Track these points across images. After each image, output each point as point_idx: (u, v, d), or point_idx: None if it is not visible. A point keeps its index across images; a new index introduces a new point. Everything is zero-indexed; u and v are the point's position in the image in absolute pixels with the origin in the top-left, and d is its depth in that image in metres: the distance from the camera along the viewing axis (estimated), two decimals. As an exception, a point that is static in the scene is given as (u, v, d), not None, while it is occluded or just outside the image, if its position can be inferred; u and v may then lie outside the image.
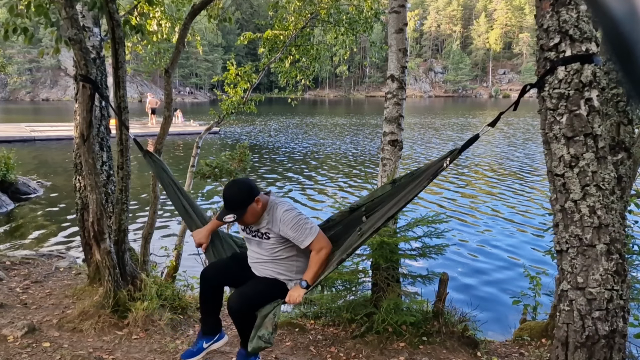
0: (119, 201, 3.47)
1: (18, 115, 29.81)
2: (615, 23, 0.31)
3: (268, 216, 2.46)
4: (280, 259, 2.53)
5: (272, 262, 2.54)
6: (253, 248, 2.57)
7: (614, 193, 1.91)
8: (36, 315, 3.33)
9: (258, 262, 2.57)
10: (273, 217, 2.45)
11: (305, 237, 2.43)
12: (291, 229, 2.43)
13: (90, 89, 2.98)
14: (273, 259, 2.53)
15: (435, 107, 50.15)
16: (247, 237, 2.57)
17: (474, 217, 9.11)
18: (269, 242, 2.49)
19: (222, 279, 2.62)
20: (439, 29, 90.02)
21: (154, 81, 58.07)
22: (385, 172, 3.72)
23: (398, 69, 3.72)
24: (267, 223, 2.46)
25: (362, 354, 3.14)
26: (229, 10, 5.01)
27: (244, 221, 2.43)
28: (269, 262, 2.54)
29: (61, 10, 2.71)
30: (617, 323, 1.90)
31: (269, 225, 2.46)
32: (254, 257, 2.58)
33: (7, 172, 9.14)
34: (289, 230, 2.43)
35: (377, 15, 7.43)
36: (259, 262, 2.57)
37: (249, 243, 2.58)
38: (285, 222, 2.43)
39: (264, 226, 2.47)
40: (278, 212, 2.45)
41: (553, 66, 1.91)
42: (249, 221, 2.44)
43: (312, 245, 2.47)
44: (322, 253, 2.49)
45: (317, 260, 2.49)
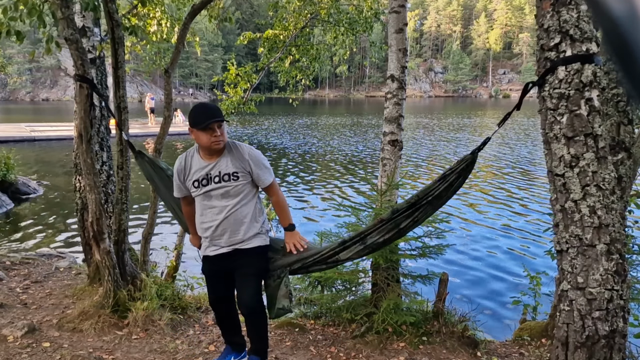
0: (119, 201, 3.47)
1: (18, 115, 29.81)
2: (615, 23, 0.30)
3: (230, 154, 2.37)
4: (248, 200, 2.41)
5: (243, 207, 2.38)
6: (216, 202, 2.37)
7: (614, 193, 1.91)
8: (36, 315, 3.33)
9: (226, 218, 2.36)
10: (239, 154, 2.37)
11: (269, 175, 2.41)
12: (259, 165, 2.38)
13: (87, 89, 2.98)
14: (243, 203, 2.38)
15: (435, 107, 50.15)
16: (207, 192, 2.37)
17: (474, 217, 9.11)
18: (237, 184, 2.35)
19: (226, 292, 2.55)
20: (439, 29, 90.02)
21: (153, 81, 58.07)
22: (385, 172, 3.72)
23: (398, 69, 3.72)
24: (232, 162, 2.35)
25: (362, 354, 3.14)
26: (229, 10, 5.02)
27: (218, 139, 2.27)
28: (239, 209, 2.37)
29: (57, 10, 2.71)
30: (617, 323, 1.90)
31: (236, 163, 2.35)
32: (220, 217, 2.36)
33: (7, 172, 9.14)
34: (257, 166, 2.37)
35: (377, 15, 7.43)
36: (227, 218, 2.36)
37: (209, 200, 2.38)
38: (254, 157, 2.38)
39: (230, 165, 2.35)
40: (244, 149, 2.39)
41: (553, 66, 1.91)
42: (219, 145, 2.30)
43: (273, 184, 2.45)
44: (281, 194, 2.50)
45: (283, 202, 2.50)
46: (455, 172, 2.33)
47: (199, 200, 2.42)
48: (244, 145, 2.41)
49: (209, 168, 2.36)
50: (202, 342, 3.15)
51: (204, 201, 2.39)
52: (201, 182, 2.37)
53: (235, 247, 2.42)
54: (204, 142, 2.29)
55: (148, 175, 2.95)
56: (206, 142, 2.28)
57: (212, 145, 2.28)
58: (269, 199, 2.60)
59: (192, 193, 2.44)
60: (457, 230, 8.06)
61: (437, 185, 2.37)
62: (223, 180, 2.34)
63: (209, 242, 2.45)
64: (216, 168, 2.35)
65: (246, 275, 2.42)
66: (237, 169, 2.34)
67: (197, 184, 2.38)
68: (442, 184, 2.36)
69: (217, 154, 2.37)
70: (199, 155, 2.40)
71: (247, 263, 2.42)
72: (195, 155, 2.42)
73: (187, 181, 2.43)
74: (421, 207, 2.43)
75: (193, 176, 2.38)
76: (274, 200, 2.50)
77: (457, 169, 2.33)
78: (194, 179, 2.37)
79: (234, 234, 2.40)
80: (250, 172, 2.37)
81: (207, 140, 2.27)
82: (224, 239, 2.40)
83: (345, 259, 2.58)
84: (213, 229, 2.39)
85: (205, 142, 2.28)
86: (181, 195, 2.51)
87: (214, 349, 3.05)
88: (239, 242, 2.41)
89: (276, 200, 2.50)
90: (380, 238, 2.50)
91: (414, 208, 2.43)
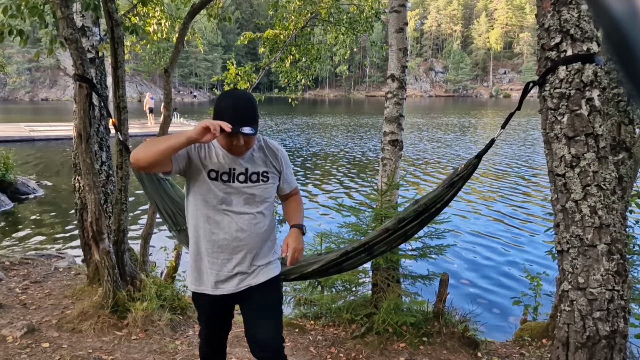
0: (118, 201, 3.46)
1: (17, 115, 29.80)
2: (616, 22, 0.30)
3: (260, 152, 1.88)
4: (271, 212, 1.94)
5: (266, 219, 1.89)
6: (237, 209, 1.81)
7: (615, 193, 1.90)
8: (35, 316, 3.33)
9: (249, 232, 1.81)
10: (271, 151, 1.91)
11: (293, 178, 2.03)
12: (289, 165, 1.98)
13: (87, 89, 2.98)
14: (267, 214, 1.90)
15: (435, 107, 50.15)
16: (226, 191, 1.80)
17: (474, 217, 9.10)
18: (266, 187, 1.86)
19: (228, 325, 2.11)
20: (439, 29, 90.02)
21: (153, 81, 58.06)
22: (385, 172, 3.71)
23: (398, 68, 3.71)
24: (263, 158, 1.87)
25: (362, 354, 3.13)
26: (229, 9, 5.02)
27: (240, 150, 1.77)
28: (262, 221, 1.86)
29: (57, 10, 2.71)
30: (618, 323, 1.89)
31: (268, 161, 1.88)
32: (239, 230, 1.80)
33: (6, 172, 9.13)
34: (288, 166, 1.97)
35: (378, 14, 7.42)
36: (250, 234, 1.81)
37: (227, 204, 1.80)
38: (285, 157, 1.96)
39: (261, 163, 1.86)
40: (276, 145, 1.94)
41: (554, 65, 1.90)
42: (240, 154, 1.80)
43: (296, 190, 2.07)
44: (299, 196, 2.10)
45: (300, 203, 2.07)
46: (462, 178, 2.33)
47: (207, 199, 1.81)
48: (272, 141, 1.97)
49: (234, 161, 1.82)
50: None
51: (219, 204, 1.80)
52: (220, 176, 1.81)
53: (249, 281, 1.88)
54: (221, 143, 1.79)
55: (139, 176, 2.95)
56: (225, 144, 1.78)
57: (231, 149, 1.78)
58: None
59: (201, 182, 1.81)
60: (458, 230, 8.05)
61: (446, 191, 2.37)
62: (250, 180, 1.83)
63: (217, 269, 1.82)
64: (243, 163, 1.82)
65: (266, 307, 1.90)
66: (268, 167, 1.88)
67: (214, 175, 1.81)
68: (451, 190, 2.36)
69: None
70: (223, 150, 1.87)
71: (266, 292, 1.91)
72: (217, 144, 1.86)
73: (200, 161, 1.80)
74: (429, 214, 2.42)
75: (211, 164, 1.80)
76: (292, 197, 2.06)
77: (463, 174, 2.33)
78: (211, 168, 1.80)
79: (256, 258, 1.86)
80: (280, 174, 1.94)
81: (226, 143, 1.77)
82: (235, 261, 1.82)
83: (349, 269, 2.57)
84: (228, 247, 1.81)
85: (224, 144, 1.78)
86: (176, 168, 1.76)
87: None
88: (258, 268, 1.88)
89: (295, 197, 2.06)
90: (388, 247, 2.51)
91: (422, 216, 2.43)
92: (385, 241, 2.48)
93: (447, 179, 2.40)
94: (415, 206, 2.46)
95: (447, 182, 2.38)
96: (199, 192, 1.82)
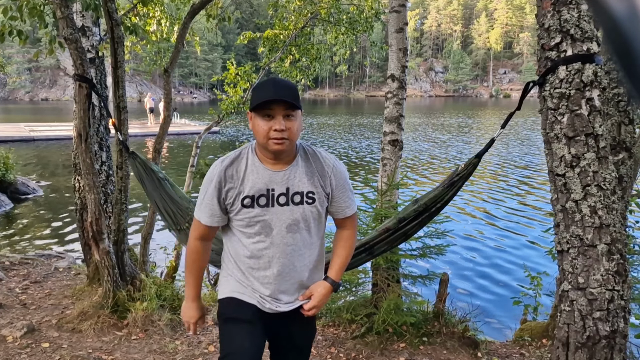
0: (118, 201, 3.46)
1: (17, 115, 29.80)
2: (616, 22, 0.30)
3: (306, 164, 1.55)
4: (320, 238, 1.63)
5: (314, 248, 1.60)
6: (278, 238, 1.53)
7: (615, 193, 1.90)
8: (35, 316, 3.33)
9: (292, 264, 1.56)
10: (319, 164, 1.57)
11: (354, 201, 1.65)
12: (345, 185, 1.61)
13: (86, 89, 2.98)
14: (314, 242, 1.60)
15: (435, 107, 50.15)
16: (263, 219, 1.52)
17: (474, 217, 9.10)
18: (311, 212, 1.55)
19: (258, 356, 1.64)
20: (439, 29, 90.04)
21: (153, 81, 58.06)
22: (385, 172, 3.71)
23: (398, 68, 3.71)
24: (308, 175, 1.54)
25: (362, 354, 3.13)
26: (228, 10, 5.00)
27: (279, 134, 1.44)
28: (308, 250, 1.59)
29: (57, 10, 2.71)
30: (618, 323, 1.89)
31: (314, 179, 1.55)
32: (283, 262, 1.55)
33: (6, 172, 9.13)
34: (342, 187, 1.60)
35: (378, 14, 7.41)
36: (294, 266, 1.56)
37: (265, 233, 1.53)
38: (339, 173, 1.59)
39: (306, 181, 1.53)
40: (327, 159, 1.59)
41: (554, 65, 1.90)
42: (281, 145, 1.45)
43: (352, 218, 1.67)
44: (355, 235, 1.70)
45: (351, 246, 1.69)
46: (462, 177, 2.33)
47: (242, 229, 1.55)
48: (324, 152, 1.61)
49: (272, 180, 1.52)
50: (202, 343, 3.15)
51: (255, 235, 1.54)
52: (257, 201, 1.51)
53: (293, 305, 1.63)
54: (258, 133, 1.47)
55: (138, 176, 2.95)
56: (261, 134, 1.46)
57: (268, 142, 1.46)
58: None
59: (234, 217, 1.55)
60: (458, 230, 8.05)
61: (446, 191, 2.37)
62: (292, 202, 1.53)
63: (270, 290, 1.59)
64: (284, 182, 1.52)
65: (301, 349, 1.73)
66: (313, 187, 1.55)
67: (249, 202, 1.51)
68: (451, 190, 2.36)
69: (285, 159, 1.53)
70: (256, 158, 1.55)
71: (303, 331, 1.70)
72: (251, 158, 1.55)
73: (230, 197, 1.52)
74: (429, 214, 2.43)
75: (245, 189, 1.51)
76: (347, 236, 1.68)
77: (464, 173, 2.33)
78: (246, 194, 1.51)
79: (299, 290, 1.63)
80: (330, 195, 1.59)
81: (262, 131, 1.45)
82: (283, 295, 1.60)
83: (349, 268, 2.57)
84: (272, 281, 1.57)
85: (260, 133, 1.46)
86: (210, 221, 1.57)
87: (214, 350, 3.04)
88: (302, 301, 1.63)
89: (350, 236, 1.68)
90: (388, 247, 2.51)
91: (422, 216, 2.43)
92: (385, 241, 2.48)
93: (447, 179, 2.40)
94: (416, 206, 2.46)
95: (447, 181, 2.38)
96: (236, 220, 1.56)
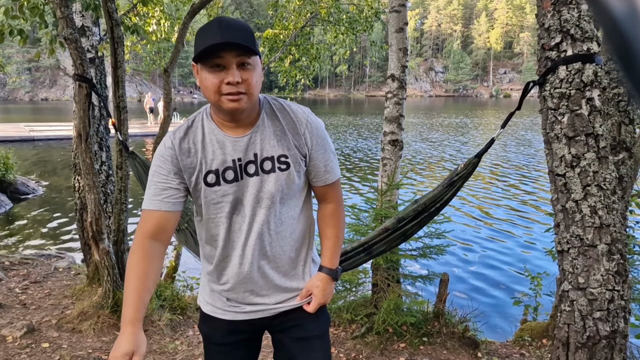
0: (118, 201, 3.45)
1: (17, 115, 29.80)
2: (616, 22, 0.30)
3: (273, 122, 1.29)
4: (301, 211, 1.38)
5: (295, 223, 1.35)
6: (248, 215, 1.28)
7: (615, 193, 1.90)
8: (35, 316, 3.32)
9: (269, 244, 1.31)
10: (289, 121, 1.30)
11: (337, 163, 1.38)
12: (325, 144, 1.34)
13: (86, 88, 2.98)
14: (295, 216, 1.35)
15: (436, 107, 50.15)
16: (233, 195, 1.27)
17: (474, 217, 9.10)
18: (286, 180, 1.28)
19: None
20: (439, 28, 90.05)
21: (153, 81, 58.07)
22: (385, 172, 3.71)
23: (398, 68, 3.71)
24: (277, 136, 1.28)
25: (362, 354, 3.13)
26: (228, 10, 5.01)
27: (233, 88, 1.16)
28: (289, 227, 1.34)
29: (57, 10, 2.70)
30: (618, 323, 1.89)
31: (285, 139, 1.28)
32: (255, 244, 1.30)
33: (6, 172, 9.13)
34: (321, 145, 1.33)
35: (378, 14, 7.42)
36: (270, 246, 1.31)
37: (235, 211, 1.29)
38: (316, 129, 1.32)
39: (275, 143, 1.27)
40: (299, 113, 1.31)
41: (554, 65, 1.90)
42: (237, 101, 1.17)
43: (339, 182, 1.41)
44: (341, 209, 1.45)
45: (339, 224, 1.43)
46: (462, 177, 2.33)
47: (209, 211, 1.30)
48: (295, 105, 1.33)
49: (236, 147, 1.26)
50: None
51: (224, 218, 1.29)
52: (222, 176, 1.26)
53: (282, 305, 1.39)
54: (208, 89, 1.18)
55: (138, 176, 2.95)
56: (211, 89, 1.17)
57: (220, 99, 1.18)
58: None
59: (197, 200, 1.30)
60: (458, 230, 8.05)
61: (445, 191, 2.36)
62: (263, 170, 1.27)
63: (228, 292, 1.36)
64: (251, 147, 1.26)
65: (309, 339, 1.41)
66: (286, 149, 1.28)
67: (213, 179, 1.26)
68: (450, 190, 2.36)
69: (247, 120, 1.26)
70: (213, 124, 1.28)
71: (307, 321, 1.42)
72: (207, 124, 1.28)
73: (189, 176, 1.27)
74: (428, 214, 2.42)
75: (205, 163, 1.26)
76: (331, 211, 1.43)
77: (463, 173, 2.33)
78: (207, 169, 1.26)
79: (282, 277, 1.37)
80: (307, 156, 1.32)
81: (212, 86, 1.17)
82: (258, 286, 1.35)
83: (348, 269, 2.56)
84: (241, 268, 1.31)
85: (210, 89, 1.18)
86: (158, 205, 1.26)
87: (214, 350, 3.04)
88: (291, 293, 1.40)
89: (335, 211, 1.43)
90: (387, 247, 2.50)
91: (422, 216, 2.42)
92: (384, 241, 2.48)
93: (447, 179, 2.40)
94: (415, 206, 2.46)
95: (447, 181, 2.38)
96: (200, 201, 1.30)
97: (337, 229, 1.44)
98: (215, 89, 1.17)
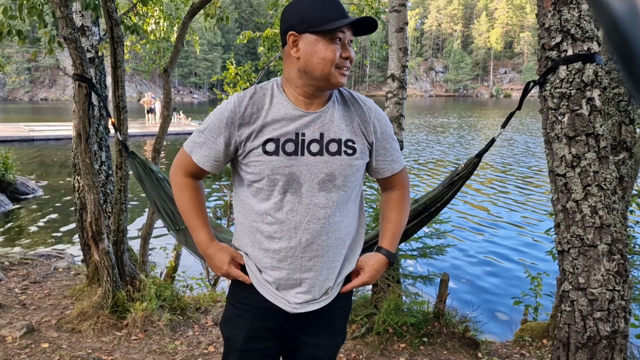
0: (118, 201, 3.45)
1: (16, 115, 29.79)
2: (616, 22, 0.30)
3: (344, 107, 1.27)
4: (356, 201, 1.35)
5: (350, 211, 1.31)
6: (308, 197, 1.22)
7: (616, 193, 1.90)
8: (35, 316, 3.32)
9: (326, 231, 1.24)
10: (359, 109, 1.28)
11: (401, 153, 1.39)
12: (390, 135, 1.34)
13: (86, 88, 2.97)
14: (351, 205, 1.31)
15: (436, 107, 50.14)
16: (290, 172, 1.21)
17: (474, 217, 9.10)
18: (350, 165, 1.24)
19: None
20: (439, 28, 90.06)
21: (152, 80, 58.06)
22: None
23: (398, 68, 3.71)
24: (346, 120, 1.26)
25: (362, 355, 3.13)
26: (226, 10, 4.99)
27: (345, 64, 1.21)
28: (345, 214, 1.28)
29: (56, 9, 2.70)
30: (619, 324, 1.88)
31: (353, 125, 1.26)
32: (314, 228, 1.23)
33: (5, 172, 9.13)
34: (388, 135, 1.33)
35: (378, 14, 7.41)
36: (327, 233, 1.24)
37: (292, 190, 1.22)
38: (383, 120, 1.31)
39: (344, 127, 1.24)
40: (367, 103, 1.31)
41: (555, 65, 1.90)
42: (343, 78, 1.21)
43: (402, 174, 1.40)
44: (408, 196, 1.43)
45: (404, 210, 1.41)
46: (462, 177, 2.32)
47: (259, 185, 1.23)
48: (362, 95, 1.33)
49: (303, 122, 1.22)
50: (202, 343, 3.14)
51: (278, 193, 1.22)
52: (283, 147, 1.20)
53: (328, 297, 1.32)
54: (323, 60, 1.17)
55: (138, 176, 2.95)
56: (328, 61, 1.17)
57: (333, 72, 1.18)
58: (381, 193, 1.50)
59: (249, 169, 1.24)
60: (458, 230, 8.04)
61: (446, 191, 2.36)
62: (328, 151, 1.22)
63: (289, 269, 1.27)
64: (318, 126, 1.22)
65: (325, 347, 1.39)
66: (354, 134, 1.26)
67: (272, 148, 1.20)
68: (450, 190, 2.35)
69: (322, 99, 1.24)
70: (283, 95, 1.24)
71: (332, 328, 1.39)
72: (277, 94, 1.24)
73: (246, 140, 1.22)
74: (428, 214, 2.42)
75: (266, 130, 1.21)
76: (398, 197, 1.42)
77: (464, 173, 2.32)
78: (269, 136, 1.20)
79: (334, 269, 1.31)
80: (372, 145, 1.30)
81: (330, 58, 1.16)
82: (312, 275, 1.27)
83: None
84: (295, 252, 1.24)
85: (327, 60, 1.17)
86: (203, 162, 1.29)
87: (214, 350, 3.04)
88: (336, 286, 1.33)
89: (402, 196, 1.42)
90: None
91: (422, 216, 2.42)
92: None
93: (447, 179, 2.40)
94: (415, 205, 2.45)
95: (447, 181, 2.38)
96: (254, 169, 1.23)
97: (402, 215, 1.41)
98: (331, 61, 1.16)
